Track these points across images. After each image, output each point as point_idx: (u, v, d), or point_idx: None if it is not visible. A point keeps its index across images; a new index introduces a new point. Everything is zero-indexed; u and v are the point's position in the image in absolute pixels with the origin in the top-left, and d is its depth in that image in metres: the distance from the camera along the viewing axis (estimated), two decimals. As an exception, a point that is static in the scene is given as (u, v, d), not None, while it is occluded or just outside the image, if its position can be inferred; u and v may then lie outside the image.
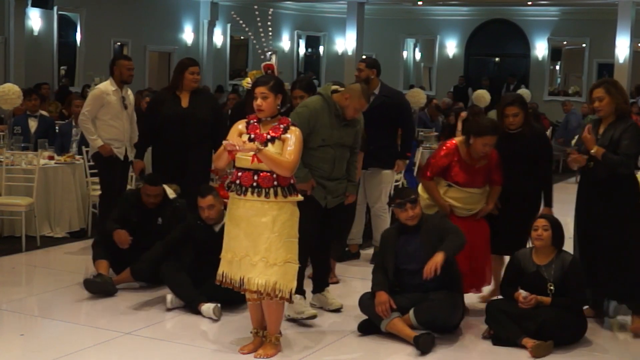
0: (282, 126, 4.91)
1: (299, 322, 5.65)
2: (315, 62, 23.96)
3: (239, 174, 4.89)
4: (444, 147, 5.97)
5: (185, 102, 7.19)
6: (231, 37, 21.47)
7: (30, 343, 5.28)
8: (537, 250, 5.47)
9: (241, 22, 6.91)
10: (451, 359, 5.19)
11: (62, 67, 17.38)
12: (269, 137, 4.86)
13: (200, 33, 20.62)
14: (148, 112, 7.51)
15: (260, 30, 6.37)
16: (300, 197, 4.96)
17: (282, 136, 4.86)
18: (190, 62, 7.29)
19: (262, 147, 4.76)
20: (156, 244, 6.24)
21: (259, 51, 6.01)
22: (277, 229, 4.83)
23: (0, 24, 15.90)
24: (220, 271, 5.01)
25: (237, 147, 4.72)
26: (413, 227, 5.48)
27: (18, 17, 15.99)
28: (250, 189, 4.83)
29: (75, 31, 17.76)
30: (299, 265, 5.00)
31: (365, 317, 5.52)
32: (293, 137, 4.87)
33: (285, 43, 22.63)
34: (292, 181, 4.91)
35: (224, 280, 4.99)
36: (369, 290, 5.54)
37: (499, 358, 5.21)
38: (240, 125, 4.98)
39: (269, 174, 4.81)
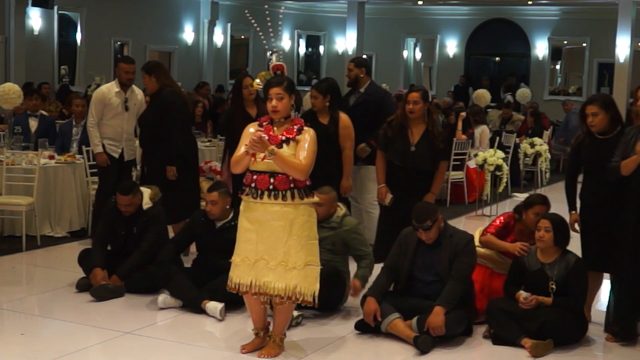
0: (295, 127, 4.84)
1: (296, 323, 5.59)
2: (316, 61, 23.93)
3: (254, 177, 4.81)
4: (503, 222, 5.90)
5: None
6: (231, 36, 21.45)
7: (31, 342, 5.28)
8: (541, 249, 5.48)
9: (251, 18, 6.93)
10: (451, 358, 5.18)
11: (62, 67, 17.36)
12: (283, 138, 4.80)
13: (200, 32, 20.59)
14: None
15: (261, 31, 6.33)
16: (316, 199, 4.89)
17: (297, 137, 4.81)
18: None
19: (276, 150, 4.67)
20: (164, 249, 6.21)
21: (266, 47, 6.02)
22: (296, 232, 4.76)
23: (0, 24, 15.88)
24: (230, 275, 4.96)
25: (261, 139, 4.61)
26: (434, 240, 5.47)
27: (18, 17, 15.95)
28: (266, 192, 4.76)
29: (76, 31, 17.71)
30: (320, 267, 4.92)
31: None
32: (308, 137, 4.81)
33: (285, 42, 22.61)
34: (307, 182, 4.84)
35: (231, 284, 4.94)
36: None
37: (499, 358, 5.21)
38: (252, 128, 4.90)
39: (285, 176, 4.74)
